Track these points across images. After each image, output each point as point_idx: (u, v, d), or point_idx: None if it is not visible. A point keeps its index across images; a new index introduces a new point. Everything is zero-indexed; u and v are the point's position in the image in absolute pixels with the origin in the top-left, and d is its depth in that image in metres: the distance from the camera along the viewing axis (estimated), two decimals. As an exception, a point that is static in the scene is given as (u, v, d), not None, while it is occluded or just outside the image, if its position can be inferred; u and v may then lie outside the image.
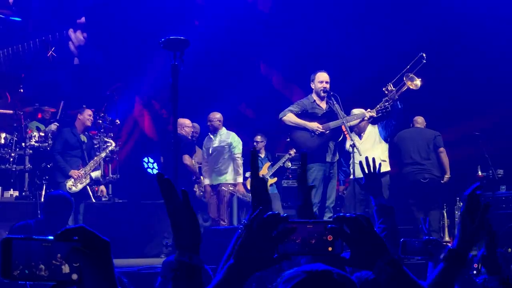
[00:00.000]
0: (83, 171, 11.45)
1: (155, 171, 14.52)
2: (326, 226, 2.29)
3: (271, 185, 13.11)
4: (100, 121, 13.50)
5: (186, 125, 12.77)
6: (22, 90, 13.31)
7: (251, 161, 2.57)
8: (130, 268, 8.34)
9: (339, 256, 2.31)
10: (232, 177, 12.23)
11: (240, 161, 12.27)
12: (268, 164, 13.25)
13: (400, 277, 2.28)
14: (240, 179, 12.28)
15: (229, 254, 2.84)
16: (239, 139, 12.39)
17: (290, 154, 13.50)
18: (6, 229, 10.71)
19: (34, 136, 12.72)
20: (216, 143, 12.21)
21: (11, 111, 13.30)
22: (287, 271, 2.25)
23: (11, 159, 12.73)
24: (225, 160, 12.20)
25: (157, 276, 6.52)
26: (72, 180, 11.33)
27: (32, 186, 12.58)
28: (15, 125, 12.99)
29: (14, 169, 12.75)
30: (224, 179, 12.17)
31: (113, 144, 12.42)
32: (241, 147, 12.32)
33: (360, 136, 11.71)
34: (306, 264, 2.64)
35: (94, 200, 12.77)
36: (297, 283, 2.10)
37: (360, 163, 4.69)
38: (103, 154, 11.95)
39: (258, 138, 13.60)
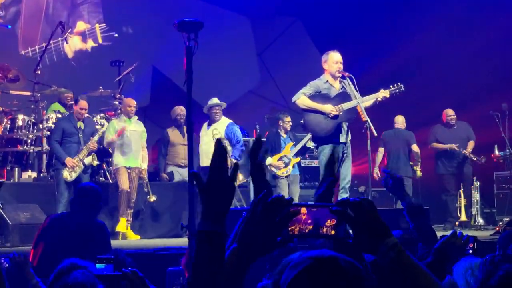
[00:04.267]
0: (77, 159, 11.62)
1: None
2: (330, 209, 2.31)
3: (293, 165, 13.12)
4: (117, 103, 13.55)
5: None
6: (39, 72, 13.31)
7: (251, 150, 2.56)
8: (146, 250, 8.40)
9: (343, 240, 2.32)
10: (142, 163, 12.60)
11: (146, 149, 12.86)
12: (290, 144, 13.21)
13: (403, 262, 2.29)
14: (146, 166, 12.75)
15: (233, 238, 2.85)
16: None
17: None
18: (24, 210, 10.80)
19: (52, 117, 12.79)
20: (132, 127, 12.44)
21: (28, 93, 13.35)
22: (290, 256, 2.26)
23: (29, 141, 12.80)
24: (138, 145, 12.49)
25: (172, 257, 6.59)
26: (67, 169, 11.49)
27: (49, 168, 12.65)
28: (32, 106, 13.06)
29: (32, 150, 12.81)
30: (138, 163, 12.43)
31: (106, 125, 12.45)
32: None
33: None
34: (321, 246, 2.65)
35: (111, 181, 12.85)
36: (303, 269, 2.11)
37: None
38: (95, 138, 12.01)
39: (289, 118, 13.51)
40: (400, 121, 14.56)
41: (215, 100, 13.06)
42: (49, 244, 6.95)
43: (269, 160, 13.03)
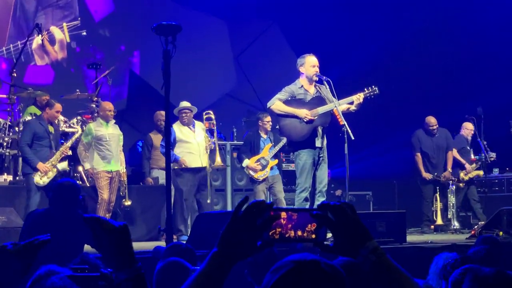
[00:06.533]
0: (49, 164, 11.49)
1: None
2: (311, 213, 2.32)
3: (271, 167, 13.02)
4: (94, 105, 13.51)
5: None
6: (15, 75, 13.25)
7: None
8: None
9: (323, 243, 2.33)
10: (121, 167, 12.52)
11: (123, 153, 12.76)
12: (269, 145, 13.07)
13: (383, 265, 2.30)
14: (124, 169, 12.64)
15: None
16: None
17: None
18: (0, 214, 10.72)
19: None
20: (110, 130, 12.32)
21: (4, 95, 13.27)
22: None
23: (5, 144, 12.71)
24: (117, 149, 12.39)
25: (149, 261, 6.56)
26: (39, 173, 11.38)
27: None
28: (8, 109, 12.98)
29: (7, 153, 12.73)
30: (119, 167, 12.37)
31: (79, 132, 12.34)
32: None
33: None
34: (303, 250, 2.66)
35: (88, 184, 12.79)
36: (285, 272, 2.11)
37: None
38: (69, 143, 11.94)
39: (268, 118, 13.33)
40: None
41: (184, 104, 12.83)
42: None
43: (246, 162, 12.95)
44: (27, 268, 3.02)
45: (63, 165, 11.78)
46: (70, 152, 12.02)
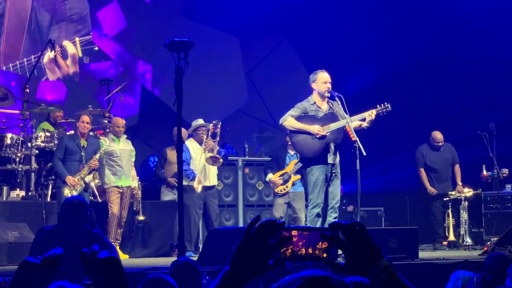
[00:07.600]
0: (78, 177, 11.65)
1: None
2: (321, 233, 2.33)
3: (293, 183, 13.08)
4: (106, 121, 13.54)
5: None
6: (28, 90, 13.31)
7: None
8: (135, 268, 8.38)
9: (334, 262, 2.34)
10: (134, 182, 12.64)
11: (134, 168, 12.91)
12: (295, 161, 13.09)
13: (394, 283, 2.30)
14: (136, 184, 12.74)
15: None
16: None
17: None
18: (12, 230, 10.75)
19: (40, 136, 12.78)
20: (122, 146, 12.47)
21: (17, 111, 13.34)
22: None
23: (17, 159, 12.76)
24: (129, 164, 12.52)
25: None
26: (68, 187, 11.55)
27: (38, 186, 12.64)
28: (21, 125, 13.04)
29: (20, 169, 12.77)
30: (130, 182, 12.48)
31: (107, 142, 12.42)
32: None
33: None
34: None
35: (100, 200, 12.80)
36: (296, 289, 2.12)
37: None
38: (97, 156, 12.01)
39: None
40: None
41: (200, 121, 12.97)
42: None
43: (269, 176, 13.10)
44: (49, 279, 3.11)
45: (90, 177, 11.91)
46: (97, 165, 12.08)
